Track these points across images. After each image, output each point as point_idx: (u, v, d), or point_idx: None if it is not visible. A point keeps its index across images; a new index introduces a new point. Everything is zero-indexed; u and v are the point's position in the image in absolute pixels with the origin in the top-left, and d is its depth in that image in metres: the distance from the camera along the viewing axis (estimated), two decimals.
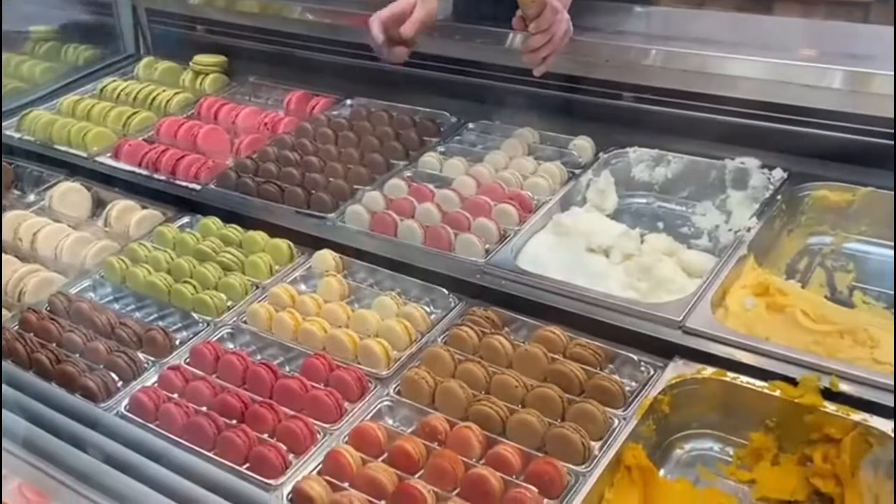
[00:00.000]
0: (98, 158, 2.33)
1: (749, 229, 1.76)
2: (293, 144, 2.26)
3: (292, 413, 1.50)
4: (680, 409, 1.47)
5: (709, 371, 1.47)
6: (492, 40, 2.18)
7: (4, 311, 1.84)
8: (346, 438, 1.45)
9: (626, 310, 1.60)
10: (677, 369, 1.49)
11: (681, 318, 1.55)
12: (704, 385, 1.47)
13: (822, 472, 1.37)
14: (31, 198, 2.26)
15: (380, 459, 1.41)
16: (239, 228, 1.99)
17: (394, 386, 1.56)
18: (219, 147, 2.34)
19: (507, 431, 1.42)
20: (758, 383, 1.43)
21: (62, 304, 1.80)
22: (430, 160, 2.14)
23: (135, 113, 2.49)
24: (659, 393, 1.46)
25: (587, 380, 1.49)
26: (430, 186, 2.03)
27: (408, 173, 2.12)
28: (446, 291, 1.76)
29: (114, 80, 2.70)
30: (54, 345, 1.70)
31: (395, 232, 1.90)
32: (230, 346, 1.71)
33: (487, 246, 1.81)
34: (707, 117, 1.99)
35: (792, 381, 1.41)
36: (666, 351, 1.53)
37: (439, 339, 1.64)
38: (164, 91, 2.59)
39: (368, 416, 1.50)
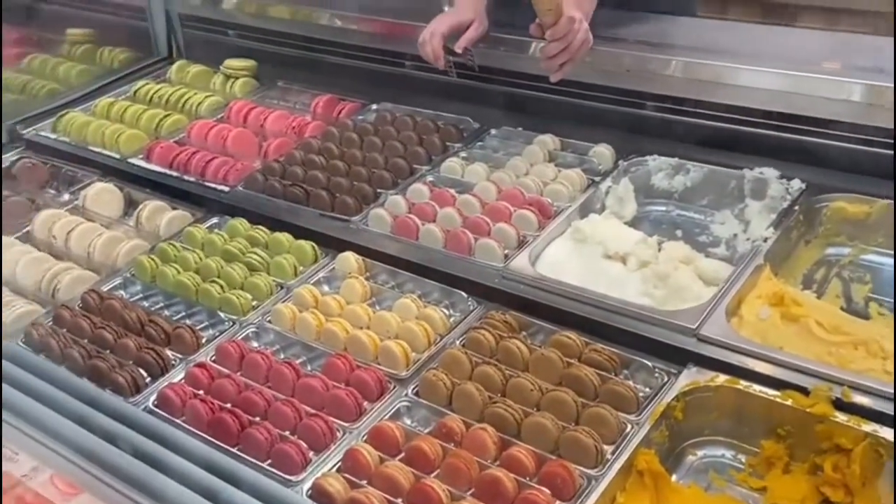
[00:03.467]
0: (131, 160, 2.40)
1: (766, 239, 1.78)
2: (319, 148, 2.31)
3: (313, 411, 1.54)
4: (693, 415, 1.50)
5: (722, 379, 1.49)
6: (515, 48, 2.22)
7: (38, 307, 1.90)
8: (365, 437, 1.49)
9: (642, 316, 1.62)
10: (691, 376, 1.52)
11: (696, 325, 1.57)
12: (718, 393, 1.49)
13: (833, 481, 1.39)
14: (66, 197, 2.33)
15: (397, 458, 1.44)
16: (265, 230, 2.04)
17: (412, 387, 1.60)
18: (247, 150, 2.40)
19: (522, 434, 1.45)
20: (770, 392, 1.45)
21: (94, 301, 1.86)
22: (452, 165, 2.18)
23: (167, 115, 2.55)
24: (672, 399, 1.48)
25: (601, 385, 1.52)
26: (452, 191, 2.06)
27: (430, 178, 2.16)
28: (465, 295, 1.79)
29: (147, 83, 2.76)
30: (86, 341, 1.76)
31: (417, 235, 1.94)
32: (255, 344, 1.76)
33: (507, 251, 1.84)
34: (726, 127, 2.01)
35: (804, 391, 1.43)
36: (680, 358, 1.55)
37: (457, 342, 1.68)
38: (195, 94, 2.65)
39: (387, 416, 1.54)
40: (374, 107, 2.51)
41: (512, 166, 2.13)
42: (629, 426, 1.45)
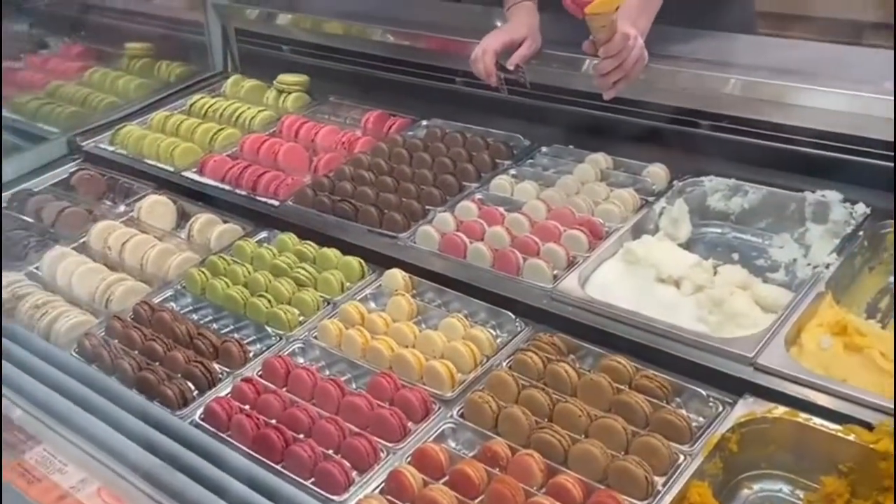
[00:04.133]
0: (184, 173, 2.43)
1: (828, 265, 1.71)
2: (369, 164, 2.32)
3: (357, 430, 1.53)
4: (749, 448, 1.44)
5: (780, 410, 1.44)
6: (567, 64, 2.19)
7: (92, 317, 1.93)
8: (409, 459, 1.47)
9: (696, 343, 1.57)
10: (747, 407, 1.46)
11: (752, 354, 1.52)
12: (775, 425, 1.43)
13: None
14: (121, 208, 2.37)
15: (441, 482, 1.42)
16: (314, 245, 2.04)
17: (457, 408, 1.57)
18: (298, 164, 2.41)
19: (570, 461, 1.42)
20: (831, 426, 1.39)
21: (146, 312, 1.88)
22: (501, 183, 2.15)
23: (220, 129, 2.58)
24: (727, 430, 1.43)
25: (653, 413, 1.48)
26: (501, 209, 2.04)
27: (479, 195, 2.14)
28: (513, 316, 1.77)
29: (202, 97, 2.80)
30: (136, 352, 1.78)
31: (465, 254, 1.92)
32: (300, 360, 1.76)
33: (556, 272, 1.81)
34: (786, 148, 1.95)
35: (868, 426, 1.36)
36: (736, 387, 1.50)
37: (504, 364, 1.65)
38: (248, 109, 2.68)
39: (431, 438, 1.52)
40: (424, 123, 2.51)
41: (562, 185, 2.09)
42: (681, 457, 1.40)
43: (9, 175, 2.52)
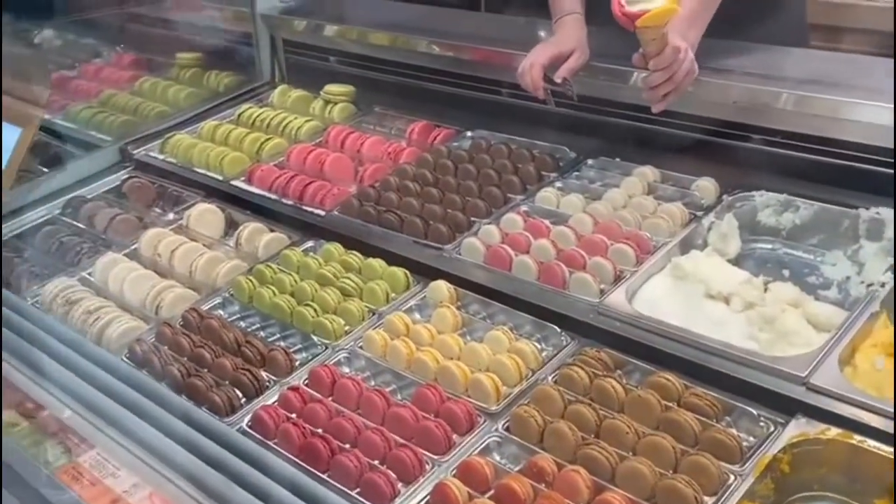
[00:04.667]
0: (233, 182, 2.47)
1: (883, 284, 1.67)
2: (414, 175, 2.33)
3: (403, 442, 1.53)
4: (801, 469, 1.41)
5: (834, 432, 1.41)
6: (614, 77, 2.18)
7: (142, 324, 1.97)
8: (454, 472, 1.47)
9: (746, 361, 1.55)
10: (799, 427, 1.43)
11: (805, 373, 1.49)
12: (828, 446, 1.40)
13: None
14: (171, 216, 2.41)
15: (486, 496, 1.41)
16: (359, 255, 2.06)
17: (502, 422, 1.57)
18: (344, 175, 2.43)
19: (617, 479, 1.40)
20: (886, 449, 1.36)
21: (194, 319, 1.91)
22: (547, 195, 2.15)
23: (268, 139, 2.62)
24: (779, 451, 1.40)
25: (702, 431, 1.45)
26: (547, 222, 2.03)
27: (524, 208, 2.14)
28: (558, 329, 1.76)
29: (250, 107, 2.84)
30: (185, 359, 1.81)
31: (510, 266, 1.92)
32: (346, 370, 1.77)
33: (602, 286, 1.80)
34: (839, 164, 1.91)
35: None
36: (787, 407, 1.47)
37: (550, 378, 1.64)
38: (295, 118, 2.71)
39: (476, 451, 1.51)
40: (470, 134, 2.51)
41: (609, 198, 2.08)
42: (731, 477, 1.38)
43: (63, 182, 2.57)
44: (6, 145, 2.54)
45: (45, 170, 2.69)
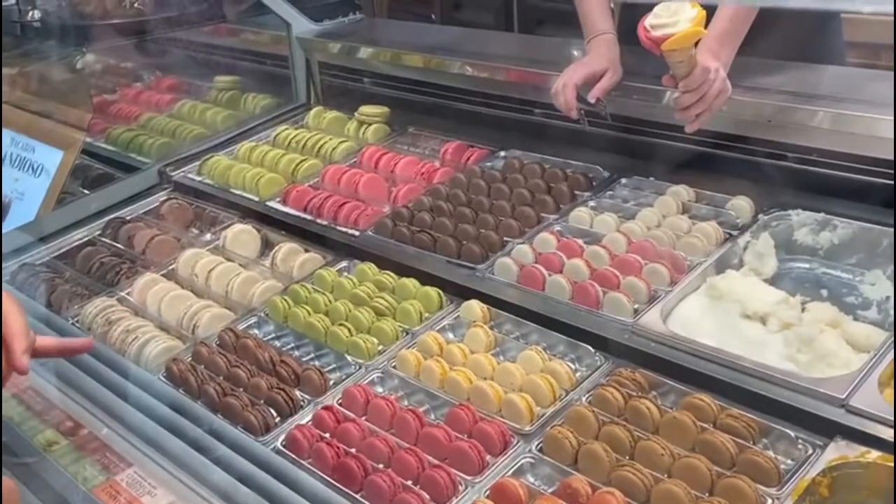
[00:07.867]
0: (269, 203, 2.50)
1: None
2: (447, 195, 2.34)
3: (436, 462, 1.53)
4: (840, 492, 1.39)
5: (874, 455, 1.38)
6: (648, 95, 2.17)
7: (179, 343, 2.00)
8: (487, 493, 1.47)
9: (784, 382, 1.53)
10: (839, 450, 1.41)
11: (844, 395, 1.46)
12: (869, 470, 1.38)
13: None
14: (208, 237, 2.45)
15: None
16: (393, 275, 2.07)
17: (536, 443, 1.56)
18: (378, 195, 2.46)
19: (652, 501, 1.39)
20: None
21: (230, 339, 1.93)
22: (580, 215, 2.14)
23: (303, 160, 2.65)
24: (818, 474, 1.38)
25: (738, 453, 1.43)
26: (580, 242, 2.03)
27: (557, 227, 2.13)
28: (592, 349, 1.75)
29: (286, 129, 2.88)
30: (221, 378, 1.83)
31: (543, 286, 1.91)
32: (379, 389, 1.78)
33: (636, 306, 1.79)
34: (877, 182, 1.88)
35: None
36: (826, 429, 1.45)
37: (583, 399, 1.63)
38: (330, 140, 2.74)
39: (510, 472, 1.51)
40: (503, 154, 2.52)
41: (643, 217, 2.07)
42: (769, 500, 1.36)
43: (104, 203, 2.62)
44: (49, 168, 2.61)
45: (86, 192, 2.76)
